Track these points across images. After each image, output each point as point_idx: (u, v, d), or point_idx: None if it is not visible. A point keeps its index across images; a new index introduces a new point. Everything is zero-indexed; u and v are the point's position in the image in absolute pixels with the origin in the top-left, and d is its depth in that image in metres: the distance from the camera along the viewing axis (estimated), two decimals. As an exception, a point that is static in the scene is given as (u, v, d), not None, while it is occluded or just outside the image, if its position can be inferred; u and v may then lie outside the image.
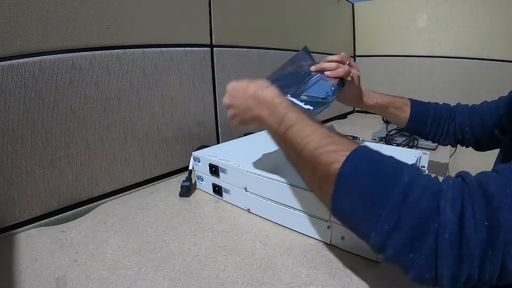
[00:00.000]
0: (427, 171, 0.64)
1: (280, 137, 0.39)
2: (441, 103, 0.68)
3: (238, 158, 0.58)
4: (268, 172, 0.51)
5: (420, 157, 0.63)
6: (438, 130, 0.65)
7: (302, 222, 0.47)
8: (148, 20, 0.65)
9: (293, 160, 0.39)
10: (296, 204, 0.47)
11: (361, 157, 0.30)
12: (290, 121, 0.37)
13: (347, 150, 0.31)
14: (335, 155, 0.31)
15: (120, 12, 0.59)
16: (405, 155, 0.63)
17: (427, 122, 0.66)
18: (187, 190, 0.63)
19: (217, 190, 0.61)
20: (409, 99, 0.68)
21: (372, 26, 1.61)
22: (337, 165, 0.30)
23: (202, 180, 0.64)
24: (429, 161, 0.64)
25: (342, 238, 0.44)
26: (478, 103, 0.64)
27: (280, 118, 0.39)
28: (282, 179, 0.48)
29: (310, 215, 0.46)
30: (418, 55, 1.49)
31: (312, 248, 0.45)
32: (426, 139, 0.69)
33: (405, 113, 0.67)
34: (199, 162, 0.63)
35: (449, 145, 0.68)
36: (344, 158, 0.30)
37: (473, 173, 0.28)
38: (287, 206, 0.49)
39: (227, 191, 0.59)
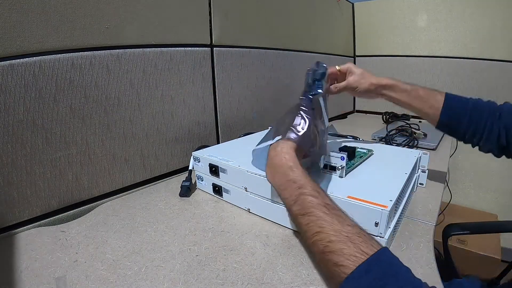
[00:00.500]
0: (427, 171, 0.64)
1: (292, 215, 0.40)
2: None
3: (238, 158, 0.58)
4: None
5: (420, 157, 0.63)
6: (477, 129, 0.53)
7: (302, 222, 0.47)
8: (148, 20, 0.65)
9: (303, 242, 0.40)
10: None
11: (361, 280, 0.30)
12: (303, 207, 0.37)
13: (349, 268, 0.30)
14: (337, 270, 0.31)
15: (120, 12, 0.59)
16: (405, 155, 0.63)
17: (464, 116, 0.53)
18: (187, 190, 0.63)
19: (217, 190, 0.61)
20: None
21: (372, 26, 1.61)
22: (338, 279, 0.31)
23: (202, 180, 0.64)
24: (429, 161, 0.64)
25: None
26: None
27: (294, 197, 0.38)
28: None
29: (310, 215, 0.46)
30: (418, 55, 1.49)
31: (312, 248, 0.45)
32: (464, 141, 0.57)
33: (438, 103, 0.56)
34: (199, 162, 0.63)
35: (483, 152, 0.55)
36: (345, 276, 0.30)
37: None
38: (287, 206, 0.49)
39: (227, 191, 0.59)
